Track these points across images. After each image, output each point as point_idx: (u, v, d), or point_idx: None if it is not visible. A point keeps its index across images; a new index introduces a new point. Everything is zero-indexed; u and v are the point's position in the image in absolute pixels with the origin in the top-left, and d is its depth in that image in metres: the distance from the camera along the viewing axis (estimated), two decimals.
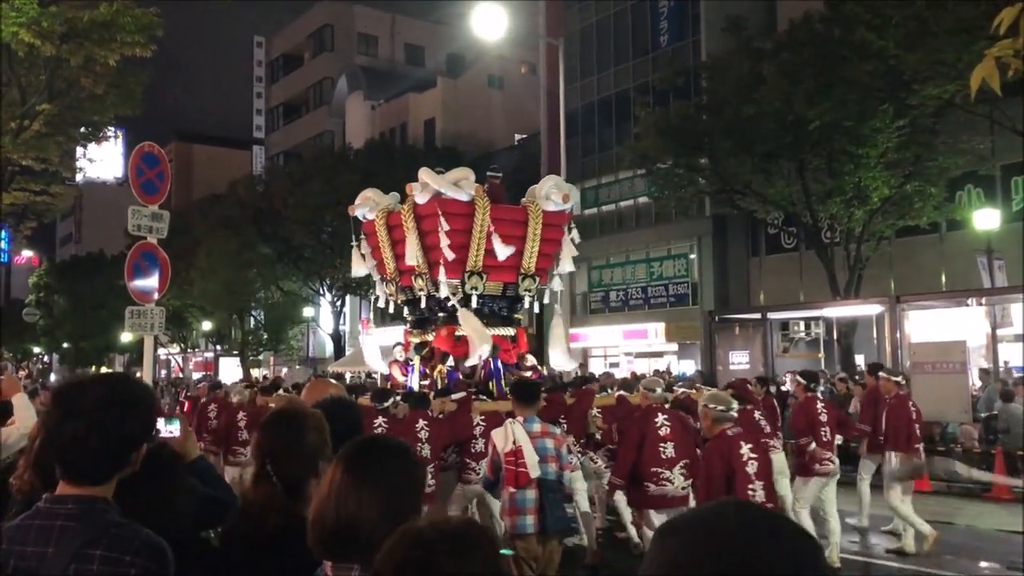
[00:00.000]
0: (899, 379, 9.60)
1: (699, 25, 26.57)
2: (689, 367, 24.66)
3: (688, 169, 21.02)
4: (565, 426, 8.09)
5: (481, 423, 7.89)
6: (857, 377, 16.29)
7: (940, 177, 18.08)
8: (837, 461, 8.63)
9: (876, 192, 17.95)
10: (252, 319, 37.72)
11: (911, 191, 18.15)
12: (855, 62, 16.25)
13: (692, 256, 27.24)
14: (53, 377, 48.80)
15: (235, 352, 39.67)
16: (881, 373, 9.83)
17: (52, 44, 13.71)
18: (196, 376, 37.20)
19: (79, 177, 43.89)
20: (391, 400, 7.95)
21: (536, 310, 11.35)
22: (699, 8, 26.53)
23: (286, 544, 2.31)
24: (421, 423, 7.50)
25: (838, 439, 9.17)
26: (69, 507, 1.95)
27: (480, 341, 9.60)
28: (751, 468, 5.43)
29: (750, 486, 5.41)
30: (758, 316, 19.79)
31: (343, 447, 1.94)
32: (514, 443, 5.54)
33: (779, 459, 8.59)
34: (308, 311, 36.56)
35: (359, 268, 11.34)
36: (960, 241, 19.84)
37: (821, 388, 9.00)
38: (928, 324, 16.70)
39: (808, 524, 8.07)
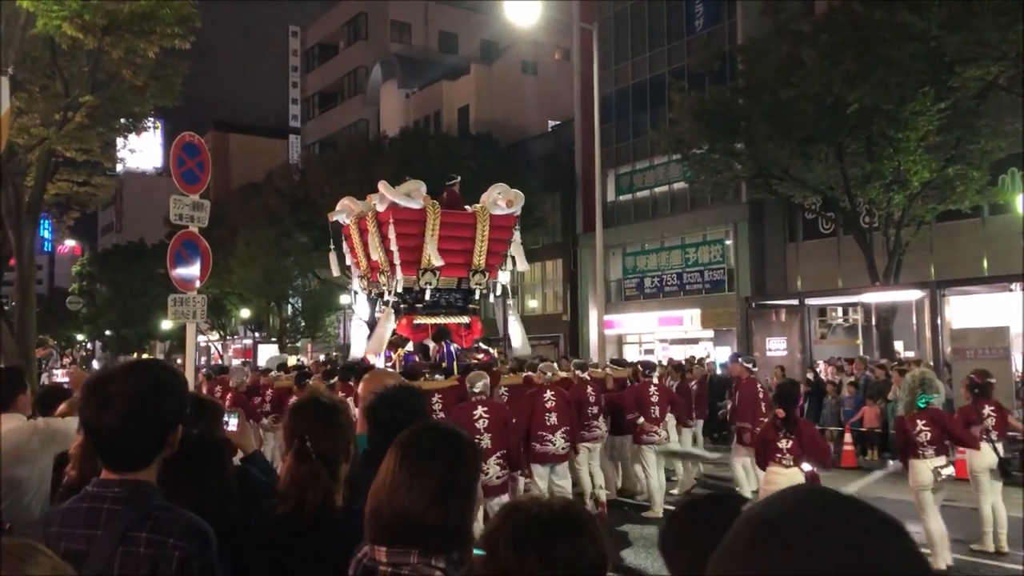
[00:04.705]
0: (749, 365, 11.58)
1: (735, 8, 26.25)
2: (725, 354, 24.51)
3: (724, 154, 20.79)
4: None
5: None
6: (896, 363, 16.09)
7: (983, 160, 17.70)
8: (664, 433, 10.79)
9: (916, 176, 17.63)
10: (290, 307, 38.12)
11: (952, 175, 17.78)
12: (896, 44, 15.94)
13: (728, 242, 27.02)
14: (95, 364, 49.65)
15: (273, 339, 40.16)
16: (740, 359, 11.89)
17: (94, 37, 13.90)
18: (235, 363, 37.72)
19: (119, 167, 44.56)
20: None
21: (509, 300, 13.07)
22: None
23: (323, 524, 2.36)
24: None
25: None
26: (116, 491, 2.00)
27: (372, 345, 11.53)
28: (480, 424, 7.64)
29: (477, 436, 7.46)
30: (795, 302, 19.57)
31: (399, 436, 1.97)
32: None
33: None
34: (344, 298, 36.85)
35: (335, 269, 13.05)
36: (1003, 225, 19.48)
37: (656, 375, 11.31)
38: (970, 310, 16.42)
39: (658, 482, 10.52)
